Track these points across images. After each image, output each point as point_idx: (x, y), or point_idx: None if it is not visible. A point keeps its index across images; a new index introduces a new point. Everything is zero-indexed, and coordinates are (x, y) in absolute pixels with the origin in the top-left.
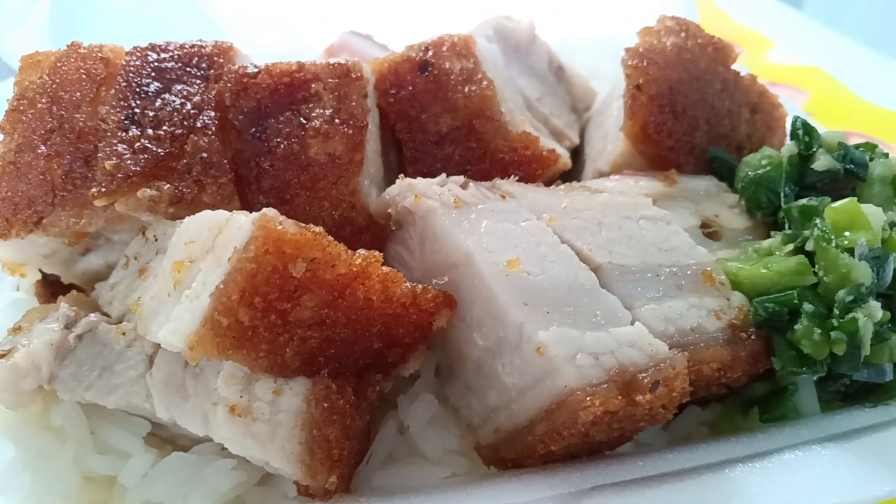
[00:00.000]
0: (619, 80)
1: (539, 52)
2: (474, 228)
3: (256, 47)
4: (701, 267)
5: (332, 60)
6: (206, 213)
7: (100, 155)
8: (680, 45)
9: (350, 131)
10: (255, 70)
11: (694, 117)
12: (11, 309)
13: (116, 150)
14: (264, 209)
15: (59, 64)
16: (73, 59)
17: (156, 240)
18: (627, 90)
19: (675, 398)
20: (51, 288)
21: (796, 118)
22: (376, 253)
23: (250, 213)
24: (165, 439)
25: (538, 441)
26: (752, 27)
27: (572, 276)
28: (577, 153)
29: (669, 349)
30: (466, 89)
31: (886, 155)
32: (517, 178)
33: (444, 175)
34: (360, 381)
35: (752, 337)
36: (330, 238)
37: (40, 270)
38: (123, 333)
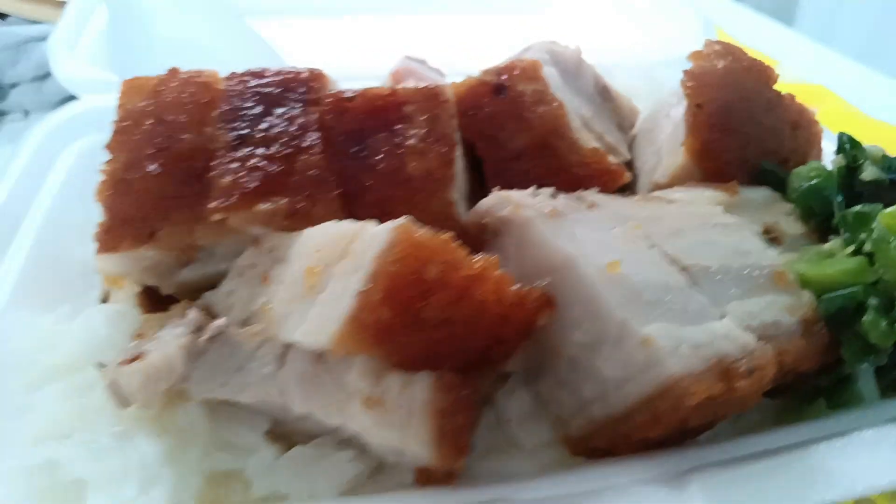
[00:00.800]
0: (661, 99)
1: (587, 75)
2: (571, 235)
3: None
4: (773, 268)
5: (420, 85)
6: (332, 223)
7: (213, 173)
8: (729, 67)
9: (443, 149)
10: (353, 95)
11: (745, 134)
12: (112, 320)
13: (230, 167)
14: (400, 218)
15: (161, 88)
16: (174, 84)
17: (271, 250)
18: (689, 109)
19: (765, 385)
20: (151, 299)
21: (842, 133)
22: (492, 257)
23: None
24: (281, 435)
25: (635, 429)
26: (756, 47)
27: (665, 277)
28: (627, 167)
29: (755, 342)
30: (540, 109)
31: None
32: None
33: (534, 187)
34: (470, 376)
35: (822, 330)
36: (455, 243)
37: (142, 282)
38: (253, 335)
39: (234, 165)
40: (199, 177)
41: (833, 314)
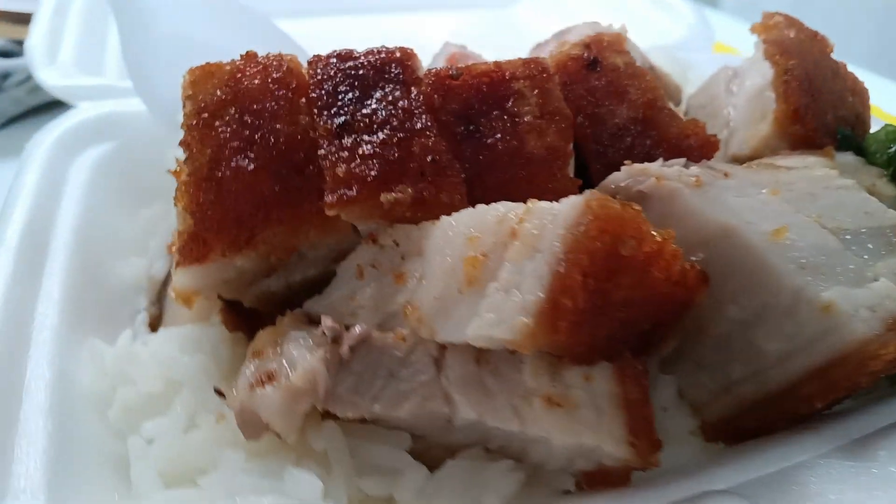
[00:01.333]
0: (714, 75)
1: (635, 53)
2: (724, 204)
3: None
4: None
5: (524, 59)
6: (483, 208)
7: (323, 163)
8: (798, 36)
9: (561, 124)
10: (456, 72)
11: (825, 100)
12: (190, 342)
13: (341, 157)
14: (587, 191)
15: (237, 75)
16: (252, 70)
17: (397, 245)
18: (778, 76)
19: None
20: (234, 314)
21: None
22: (671, 231)
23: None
24: (421, 453)
25: (799, 403)
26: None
27: (823, 241)
28: None
29: None
30: (636, 82)
31: None
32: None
33: (661, 160)
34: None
35: None
36: (644, 215)
37: (220, 297)
38: (403, 339)
39: (344, 154)
40: (300, 170)
41: None
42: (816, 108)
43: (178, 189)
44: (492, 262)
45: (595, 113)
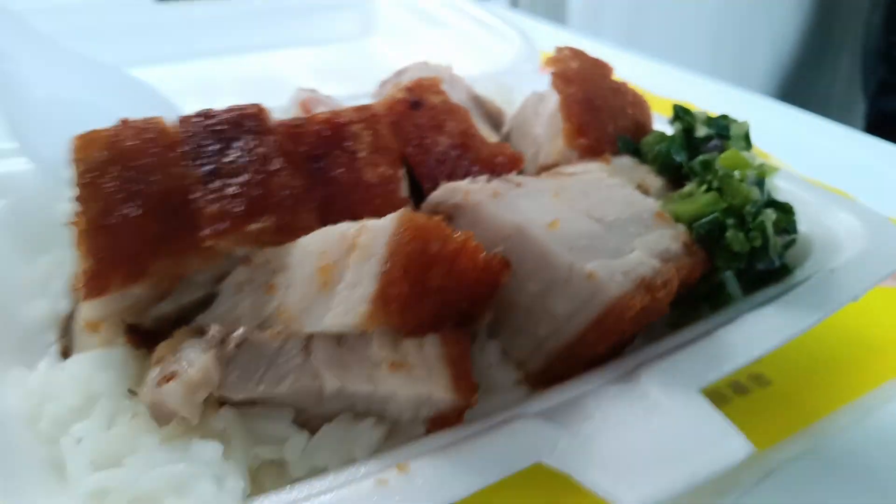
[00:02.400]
0: (526, 100)
1: (460, 86)
2: (515, 208)
3: None
4: (653, 211)
5: (356, 105)
6: (327, 228)
7: (196, 205)
8: (581, 65)
9: (390, 157)
10: (300, 121)
11: (605, 116)
12: (101, 362)
13: (210, 198)
14: (402, 209)
15: (116, 139)
16: (129, 133)
17: (267, 263)
18: (562, 101)
19: (673, 293)
20: (136, 337)
21: (677, 105)
22: (469, 231)
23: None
24: (302, 423)
25: (587, 347)
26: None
27: (589, 227)
28: None
29: (660, 264)
30: (452, 116)
31: (735, 120)
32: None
33: (470, 177)
34: (462, 331)
35: (698, 249)
36: (444, 223)
37: (123, 322)
38: (276, 335)
39: (213, 196)
40: (178, 212)
41: (703, 236)
42: (597, 123)
43: (77, 236)
44: (338, 269)
45: (422, 143)
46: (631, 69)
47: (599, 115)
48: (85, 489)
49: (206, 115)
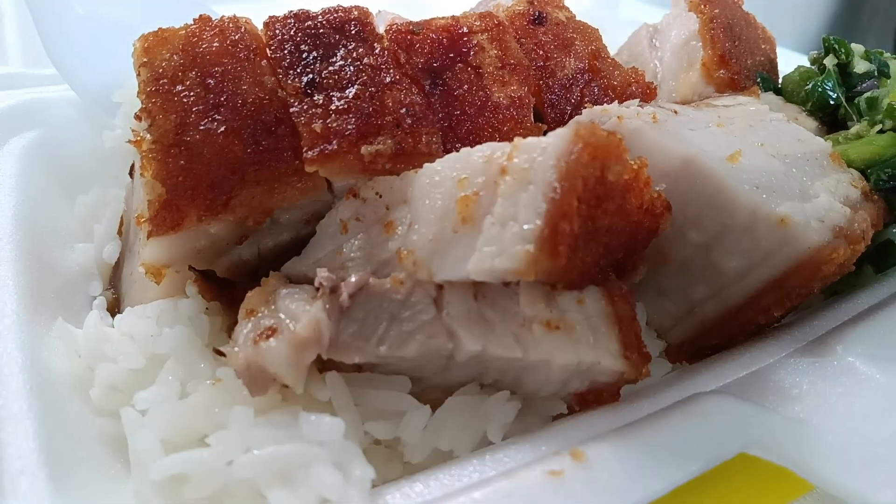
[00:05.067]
0: (636, 33)
1: None
2: (682, 136)
3: None
4: (826, 151)
5: (479, 13)
6: (466, 151)
7: (297, 121)
8: None
9: (522, 74)
10: (415, 27)
11: (744, 47)
12: (165, 315)
13: (314, 113)
14: (574, 119)
15: (192, 40)
16: (209, 34)
17: (380, 196)
18: (705, 25)
19: (865, 247)
20: (208, 284)
21: (828, 36)
22: (644, 157)
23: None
24: (418, 395)
25: (757, 313)
26: None
27: (770, 164)
28: None
29: (850, 211)
30: (580, 35)
31: (893, 56)
32: None
33: (615, 102)
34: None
35: (878, 197)
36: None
37: (191, 268)
38: (399, 283)
39: (318, 111)
40: (271, 130)
41: (884, 183)
42: (738, 53)
43: (143, 158)
44: (484, 200)
45: (545, 65)
46: None
47: (740, 46)
48: (156, 475)
49: (299, 16)
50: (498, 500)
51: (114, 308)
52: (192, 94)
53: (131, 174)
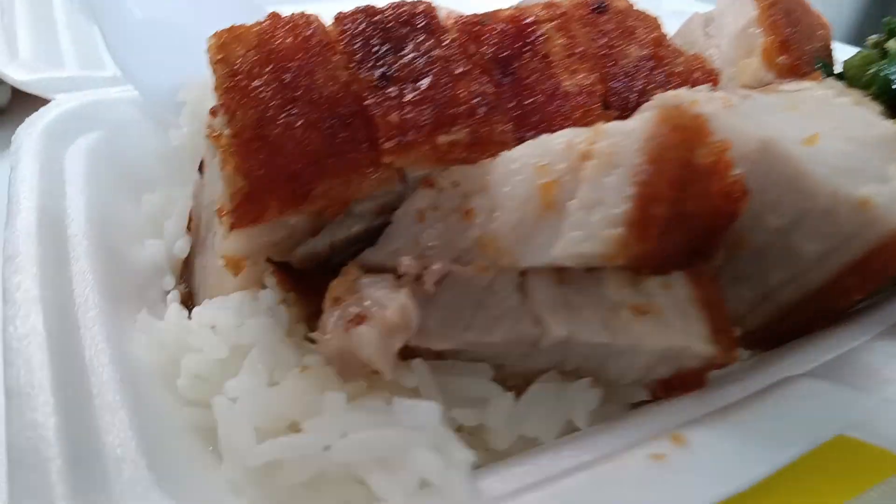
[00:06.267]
0: (691, 19)
1: None
2: (757, 119)
3: None
4: None
5: (542, 3)
6: (545, 137)
7: (374, 113)
8: None
9: (588, 63)
10: (480, 19)
11: (803, 33)
12: (244, 307)
13: (390, 105)
14: (657, 100)
15: (266, 36)
16: (281, 30)
17: (457, 185)
18: (764, 11)
19: None
20: (287, 276)
21: (891, 18)
22: (727, 140)
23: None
24: (500, 382)
25: (838, 297)
26: None
27: (846, 147)
28: None
29: None
30: (642, 23)
31: None
32: None
33: (685, 87)
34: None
35: None
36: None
37: (268, 260)
38: (483, 269)
39: (394, 103)
40: (347, 123)
41: None
42: (798, 39)
43: (222, 153)
44: (567, 185)
45: (608, 54)
46: None
47: (799, 32)
48: (251, 462)
49: (368, 11)
50: (602, 484)
51: (187, 301)
52: (269, 89)
53: (201, 170)
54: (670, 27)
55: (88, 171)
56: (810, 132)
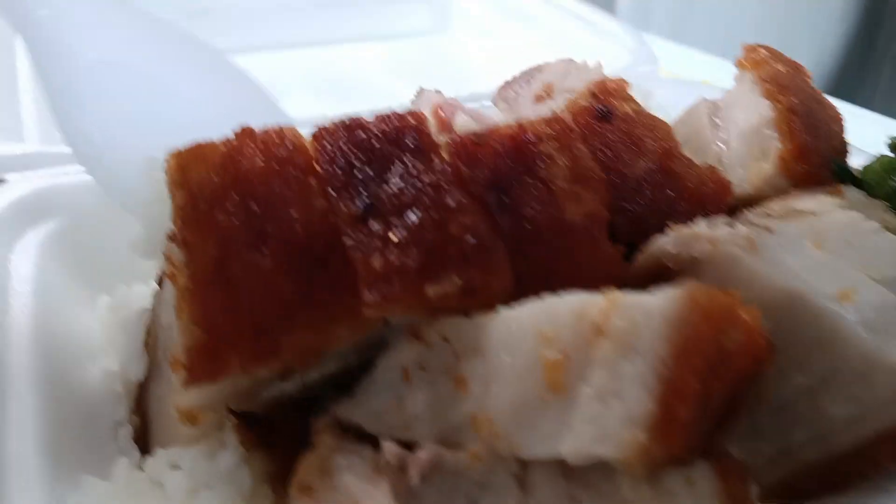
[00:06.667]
0: (693, 111)
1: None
2: (783, 266)
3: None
4: None
5: (546, 117)
6: (551, 300)
7: (353, 255)
8: (788, 70)
9: (595, 187)
10: (476, 136)
11: (821, 135)
12: (198, 470)
13: (372, 246)
14: (686, 283)
15: (233, 155)
16: (251, 149)
17: (446, 341)
18: (781, 115)
19: None
20: (248, 431)
21: None
22: (756, 308)
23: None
24: None
25: (869, 463)
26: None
27: (882, 298)
28: None
29: None
30: (651, 131)
31: None
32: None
33: (704, 220)
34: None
35: None
36: (738, 301)
37: (230, 410)
38: (478, 457)
39: (377, 243)
40: (324, 263)
41: None
42: (816, 144)
43: (179, 295)
44: (576, 365)
45: (611, 168)
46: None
47: (819, 136)
48: None
49: (350, 126)
50: None
51: (143, 437)
52: (233, 221)
53: (160, 283)
54: (668, 93)
55: (37, 274)
56: (843, 282)
